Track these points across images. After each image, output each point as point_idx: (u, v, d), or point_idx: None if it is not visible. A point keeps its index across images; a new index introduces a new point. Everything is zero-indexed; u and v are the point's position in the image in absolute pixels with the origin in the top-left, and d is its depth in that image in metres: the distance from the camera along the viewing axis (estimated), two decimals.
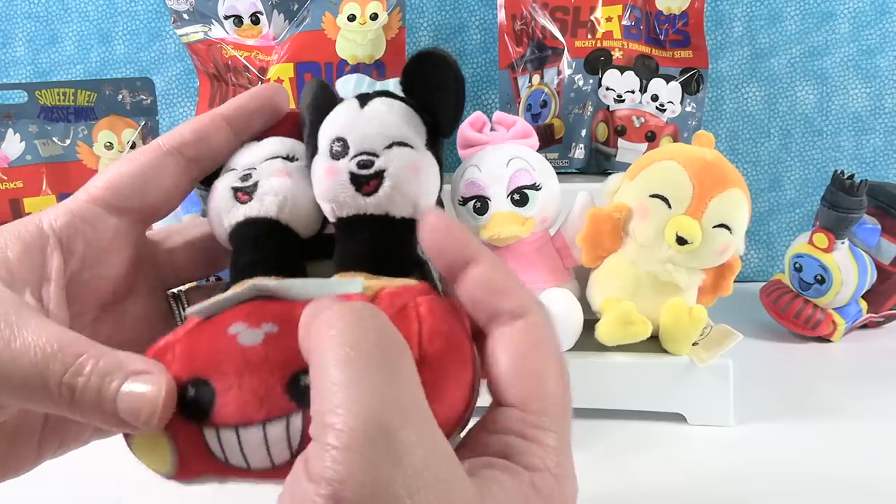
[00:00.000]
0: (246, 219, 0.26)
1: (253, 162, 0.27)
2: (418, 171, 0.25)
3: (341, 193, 0.25)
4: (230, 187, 0.26)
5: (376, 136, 0.25)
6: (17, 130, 0.69)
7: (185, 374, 0.21)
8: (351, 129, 0.25)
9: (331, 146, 0.25)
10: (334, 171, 0.25)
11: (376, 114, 0.25)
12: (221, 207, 0.26)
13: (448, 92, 0.26)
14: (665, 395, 0.52)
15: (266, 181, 0.26)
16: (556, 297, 0.53)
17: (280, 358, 0.21)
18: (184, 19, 0.73)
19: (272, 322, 0.22)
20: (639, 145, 0.73)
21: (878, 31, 0.86)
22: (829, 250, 0.66)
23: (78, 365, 0.21)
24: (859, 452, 0.48)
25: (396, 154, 0.25)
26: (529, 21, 0.76)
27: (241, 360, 0.21)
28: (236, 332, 0.21)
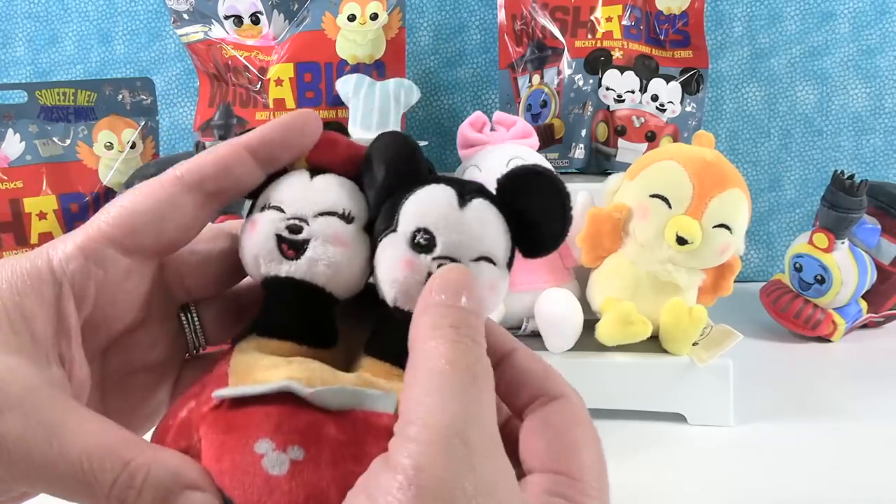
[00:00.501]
0: (288, 277, 0.24)
1: (304, 210, 0.24)
2: (494, 290, 0.24)
3: (413, 290, 0.23)
4: (274, 234, 0.24)
5: (469, 246, 0.23)
6: (17, 130, 0.69)
7: None
8: (445, 228, 0.23)
9: (414, 234, 0.23)
10: (413, 265, 0.23)
11: (475, 221, 0.23)
12: (262, 253, 0.24)
13: (555, 223, 0.24)
14: (665, 395, 0.52)
15: (320, 246, 0.24)
16: (556, 297, 0.53)
17: (303, 497, 0.20)
18: (184, 19, 0.73)
19: (299, 445, 0.21)
20: (639, 145, 0.73)
21: (878, 31, 0.86)
22: (829, 250, 0.66)
23: (127, 475, 0.20)
24: (859, 452, 0.48)
25: (481, 270, 0.23)
26: (529, 21, 0.76)
27: (266, 490, 0.20)
28: (262, 453, 0.21)
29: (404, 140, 0.25)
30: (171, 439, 0.22)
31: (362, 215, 0.25)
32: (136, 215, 0.24)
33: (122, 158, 0.72)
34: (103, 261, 0.24)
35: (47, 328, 0.22)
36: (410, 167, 0.24)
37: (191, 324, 0.27)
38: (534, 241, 0.25)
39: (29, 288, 0.22)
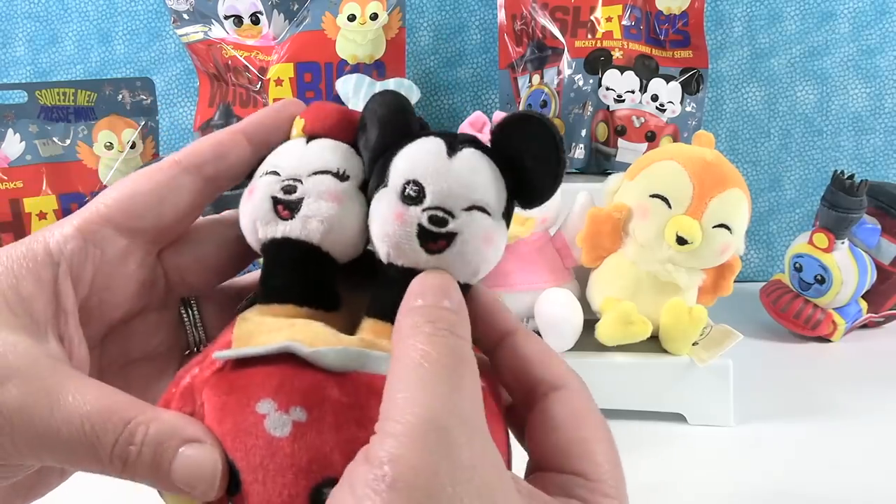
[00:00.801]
0: (284, 238, 0.24)
1: (299, 170, 0.24)
2: (489, 242, 0.23)
3: (405, 243, 0.23)
4: (270, 196, 0.24)
5: (459, 194, 0.23)
6: (17, 130, 0.69)
7: None
8: (433, 177, 0.23)
9: (404, 187, 0.23)
10: (403, 217, 0.23)
11: (465, 169, 0.23)
12: (258, 216, 0.24)
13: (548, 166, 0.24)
14: (665, 395, 0.52)
15: (313, 202, 0.24)
16: (556, 297, 0.53)
17: (306, 460, 0.20)
18: (184, 19, 0.73)
19: (301, 406, 0.21)
20: (639, 145, 0.73)
21: (878, 31, 0.86)
22: (829, 250, 0.66)
23: (128, 433, 0.20)
24: (859, 452, 0.48)
25: (474, 220, 0.23)
26: (529, 21, 0.76)
27: (268, 453, 0.20)
28: (264, 414, 0.21)
29: (394, 98, 0.24)
30: (175, 405, 0.22)
31: (359, 175, 0.25)
32: (135, 197, 0.24)
33: (122, 158, 0.72)
34: (101, 241, 0.24)
35: (46, 309, 0.22)
36: (401, 124, 0.24)
37: (191, 318, 0.27)
38: (529, 189, 0.24)
39: (25, 270, 0.22)
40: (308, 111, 0.26)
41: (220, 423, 0.21)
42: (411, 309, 0.21)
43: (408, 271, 0.23)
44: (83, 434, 0.20)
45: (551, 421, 0.23)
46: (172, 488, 0.21)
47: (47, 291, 0.22)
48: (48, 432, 0.20)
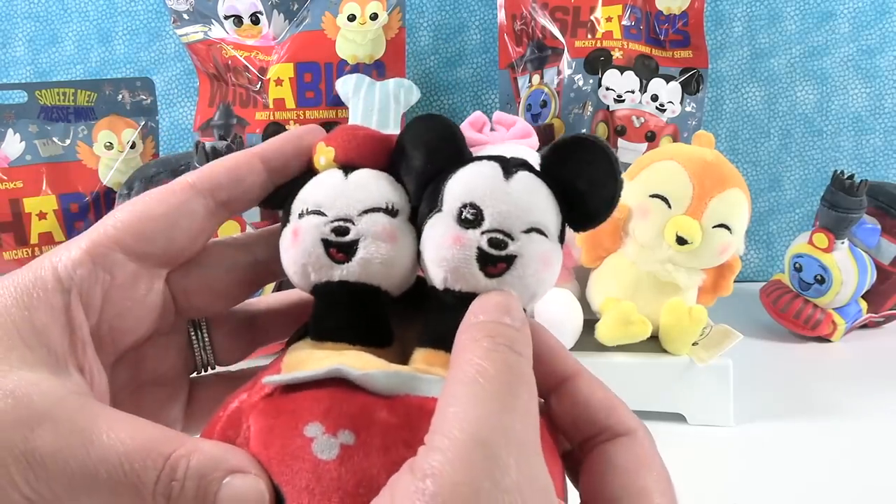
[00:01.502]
0: (342, 282, 0.23)
1: (347, 209, 0.23)
2: (548, 265, 0.23)
3: (463, 267, 0.22)
4: (321, 239, 0.23)
5: (518, 216, 0.22)
6: (17, 130, 0.69)
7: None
8: (491, 199, 0.22)
9: (461, 210, 0.22)
10: (462, 241, 0.22)
11: (522, 191, 0.23)
12: (309, 261, 0.23)
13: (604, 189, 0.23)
14: (665, 395, 0.52)
15: (371, 244, 0.23)
16: (556, 297, 0.53)
17: (353, 483, 0.20)
18: (184, 19, 0.73)
19: (349, 429, 0.20)
20: (639, 145, 0.73)
21: (878, 31, 0.86)
22: (829, 250, 0.66)
23: (169, 468, 0.19)
24: (859, 452, 0.48)
25: (533, 242, 0.22)
26: (529, 21, 0.76)
27: (314, 477, 0.20)
28: (312, 437, 0.20)
29: (441, 122, 0.24)
30: (220, 430, 0.22)
31: (405, 206, 0.24)
32: (147, 220, 0.23)
33: (122, 158, 0.72)
34: (111, 266, 0.23)
35: (62, 339, 0.21)
36: (450, 149, 0.24)
37: (199, 339, 0.27)
38: (583, 212, 0.24)
39: (36, 300, 0.21)
40: (337, 139, 0.25)
41: (266, 447, 0.20)
42: (471, 325, 0.21)
43: (466, 296, 0.22)
44: (123, 474, 0.19)
45: (611, 467, 0.22)
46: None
47: (61, 321, 0.21)
48: (86, 475, 0.19)
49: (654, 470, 0.22)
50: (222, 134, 0.72)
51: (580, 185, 0.23)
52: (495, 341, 0.20)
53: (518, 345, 0.20)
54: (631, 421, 0.23)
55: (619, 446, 0.22)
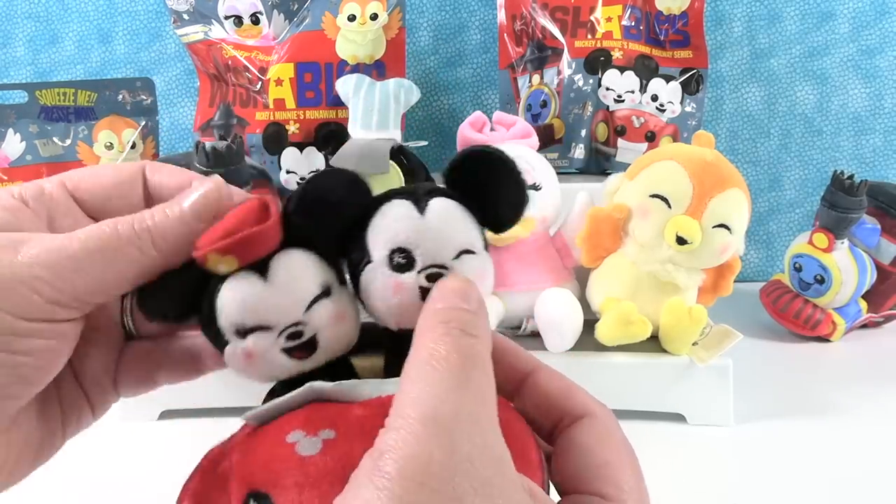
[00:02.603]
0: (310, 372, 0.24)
1: (289, 315, 0.23)
2: (483, 278, 0.24)
3: (410, 308, 0.23)
4: (280, 351, 0.23)
5: (444, 247, 0.23)
6: (17, 130, 0.69)
7: (244, 488, 0.21)
8: (416, 239, 0.23)
9: (391, 257, 0.23)
10: (402, 287, 0.23)
11: (442, 221, 0.23)
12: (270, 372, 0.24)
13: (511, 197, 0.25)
14: (665, 395, 0.52)
15: (326, 335, 0.23)
16: (556, 297, 0.53)
17: (338, 467, 0.20)
18: (184, 19, 0.73)
19: (329, 427, 0.21)
20: (639, 145, 0.73)
21: (878, 31, 0.86)
22: (828, 250, 0.66)
23: (138, 217, 0.23)
24: (859, 452, 0.48)
25: (465, 263, 0.23)
26: (529, 21, 0.76)
27: (301, 473, 0.20)
28: (295, 441, 0.21)
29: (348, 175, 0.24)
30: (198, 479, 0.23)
31: (331, 275, 0.24)
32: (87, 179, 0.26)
33: (122, 158, 0.72)
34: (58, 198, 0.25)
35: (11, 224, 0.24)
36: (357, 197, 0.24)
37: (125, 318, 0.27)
38: (496, 219, 0.25)
39: None
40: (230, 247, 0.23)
41: (252, 460, 0.21)
42: (428, 312, 0.21)
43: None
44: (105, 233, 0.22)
45: (576, 447, 0.23)
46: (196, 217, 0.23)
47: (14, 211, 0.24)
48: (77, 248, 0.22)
49: (615, 445, 0.23)
50: (222, 134, 0.72)
51: (489, 196, 0.24)
52: (449, 326, 0.21)
53: (471, 327, 0.21)
54: (590, 403, 0.24)
55: (580, 427, 0.23)
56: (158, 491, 0.44)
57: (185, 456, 0.24)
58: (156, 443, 0.51)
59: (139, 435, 0.51)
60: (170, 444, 0.51)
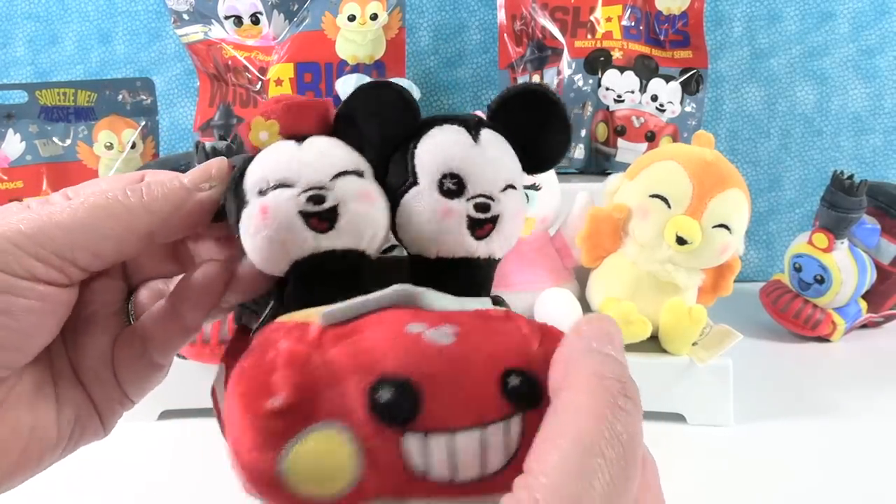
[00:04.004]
0: (329, 251, 0.22)
1: (317, 176, 0.22)
2: (521, 215, 0.24)
3: (457, 236, 0.22)
4: (297, 212, 0.21)
5: (495, 178, 0.23)
6: (17, 130, 0.69)
7: (367, 376, 0.18)
8: (469, 166, 0.23)
9: (442, 182, 0.22)
10: (451, 213, 0.22)
11: (494, 152, 0.23)
12: (287, 237, 0.21)
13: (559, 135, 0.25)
14: (665, 395, 0.52)
15: (353, 207, 0.22)
16: (556, 297, 0.54)
17: (482, 356, 0.19)
18: (184, 19, 0.73)
19: (447, 323, 0.19)
20: (638, 145, 0.73)
21: (878, 32, 0.86)
22: (828, 250, 0.66)
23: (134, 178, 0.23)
24: (859, 452, 0.48)
25: (509, 198, 0.23)
26: (529, 21, 0.76)
27: (444, 360, 0.18)
28: (419, 331, 0.19)
29: (392, 90, 0.23)
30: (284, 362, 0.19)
31: (368, 168, 0.23)
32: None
33: (122, 158, 0.72)
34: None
35: None
36: (407, 118, 0.23)
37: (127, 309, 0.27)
38: (539, 158, 0.25)
39: None
40: (275, 111, 0.23)
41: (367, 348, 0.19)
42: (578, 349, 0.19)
43: (458, 262, 0.23)
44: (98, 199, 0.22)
45: None
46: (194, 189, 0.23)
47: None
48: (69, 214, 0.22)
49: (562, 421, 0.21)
50: (222, 134, 0.72)
51: (533, 133, 0.24)
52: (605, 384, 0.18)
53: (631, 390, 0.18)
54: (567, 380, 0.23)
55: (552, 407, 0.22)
56: (158, 491, 0.44)
57: (185, 456, 0.23)
58: (156, 443, 0.51)
59: (139, 435, 0.51)
60: (170, 444, 0.51)
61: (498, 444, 0.18)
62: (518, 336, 0.20)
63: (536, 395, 0.19)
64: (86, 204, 0.22)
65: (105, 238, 0.23)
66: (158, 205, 0.23)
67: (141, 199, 0.23)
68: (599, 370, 0.18)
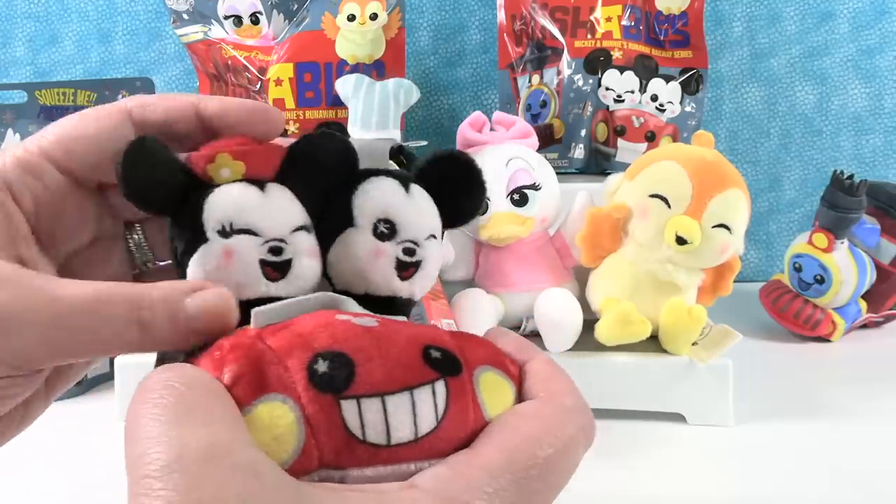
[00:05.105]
0: (270, 297, 0.24)
1: (279, 229, 0.24)
2: (439, 262, 0.27)
3: (384, 276, 0.25)
4: (258, 260, 0.24)
5: (422, 227, 0.26)
6: (17, 130, 0.69)
7: (306, 352, 0.20)
8: (401, 214, 0.26)
9: (376, 225, 0.25)
10: (382, 254, 0.25)
11: (422, 205, 0.26)
12: (244, 280, 0.23)
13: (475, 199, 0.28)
14: (665, 395, 0.52)
15: (302, 262, 0.24)
16: (556, 297, 0.53)
17: (404, 336, 0.21)
18: (183, 19, 0.73)
19: (370, 317, 0.22)
20: (638, 145, 0.73)
21: (878, 31, 0.86)
22: (828, 250, 0.66)
23: (136, 300, 0.20)
24: (859, 452, 0.48)
25: (431, 246, 0.26)
26: (529, 21, 0.76)
27: (371, 337, 0.21)
28: (347, 318, 0.21)
29: (337, 142, 0.26)
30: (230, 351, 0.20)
31: (309, 221, 0.25)
32: (77, 139, 0.24)
33: None
34: (40, 174, 0.24)
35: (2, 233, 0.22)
36: (348, 167, 0.26)
37: (136, 242, 0.28)
38: (455, 216, 0.28)
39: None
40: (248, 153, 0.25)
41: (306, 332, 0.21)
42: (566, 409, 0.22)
43: (383, 300, 0.25)
44: (95, 312, 0.20)
45: None
46: (195, 334, 0.21)
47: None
48: (57, 323, 0.20)
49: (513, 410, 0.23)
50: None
51: (453, 194, 0.28)
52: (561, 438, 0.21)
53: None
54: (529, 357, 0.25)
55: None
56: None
57: None
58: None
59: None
60: None
61: (427, 405, 0.20)
62: (432, 328, 0.23)
63: (456, 365, 0.21)
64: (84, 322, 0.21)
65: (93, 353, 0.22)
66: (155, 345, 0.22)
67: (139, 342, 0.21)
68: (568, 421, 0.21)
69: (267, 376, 0.19)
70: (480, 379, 0.22)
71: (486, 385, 0.22)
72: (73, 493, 0.44)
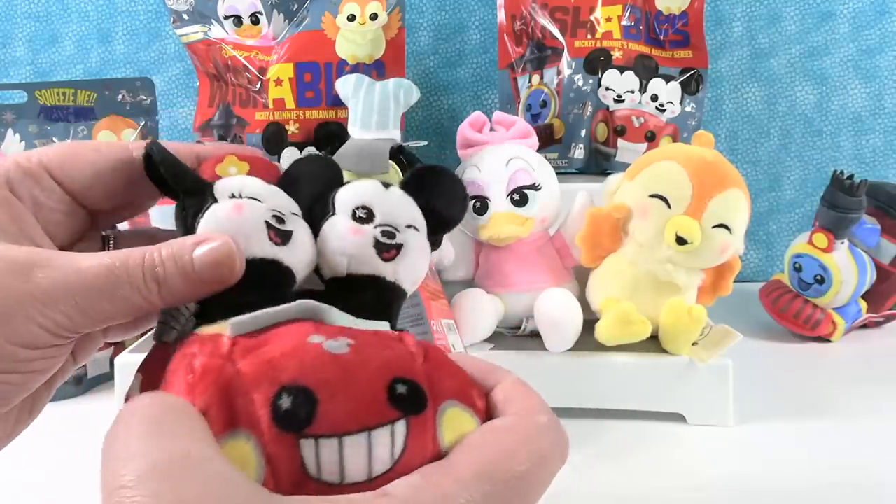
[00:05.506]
0: (274, 260, 0.25)
1: (281, 207, 0.27)
2: (424, 254, 0.28)
3: (364, 252, 0.26)
4: (264, 220, 0.25)
5: (399, 215, 0.28)
6: (17, 130, 0.69)
7: (273, 385, 0.20)
8: (377, 202, 0.27)
9: (355, 211, 0.27)
10: (360, 231, 0.27)
11: (399, 198, 0.28)
12: (250, 232, 0.25)
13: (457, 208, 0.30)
14: (665, 395, 0.52)
15: (301, 235, 0.26)
16: (556, 297, 0.53)
17: (373, 366, 0.21)
18: (183, 19, 0.73)
19: (344, 336, 0.22)
20: (638, 145, 0.73)
21: (878, 31, 0.86)
22: (828, 250, 0.66)
23: (148, 261, 0.23)
24: (859, 452, 0.48)
25: (413, 235, 0.27)
26: (529, 21, 0.76)
27: (339, 367, 0.21)
28: (319, 342, 0.22)
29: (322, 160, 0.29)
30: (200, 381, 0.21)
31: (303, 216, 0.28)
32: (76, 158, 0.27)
33: None
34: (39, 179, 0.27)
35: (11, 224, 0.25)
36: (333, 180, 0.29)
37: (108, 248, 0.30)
38: (438, 224, 0.29)
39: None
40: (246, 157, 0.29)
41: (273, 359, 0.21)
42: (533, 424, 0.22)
43: (366, 279, 0.26)
44: (116, 276, 0.23)
45: None
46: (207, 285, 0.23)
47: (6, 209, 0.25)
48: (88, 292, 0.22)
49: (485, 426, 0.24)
50: (222, 134, 0.72)
51: (435, 205, 0.29)
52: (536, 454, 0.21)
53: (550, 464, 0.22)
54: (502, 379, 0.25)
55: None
56: None
57: None
58: None
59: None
60: None
61: (384, 447, 0.20)
62: (405, 352, 0.23)
63: (421, 402, 0.21)
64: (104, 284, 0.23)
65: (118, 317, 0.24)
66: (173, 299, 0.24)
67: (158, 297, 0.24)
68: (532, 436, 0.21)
69: (235, 408, 0.20)
70: (444, 416, 0.22)
71: (448, 422, 0.22)
72: (74, 493, 0.44)
